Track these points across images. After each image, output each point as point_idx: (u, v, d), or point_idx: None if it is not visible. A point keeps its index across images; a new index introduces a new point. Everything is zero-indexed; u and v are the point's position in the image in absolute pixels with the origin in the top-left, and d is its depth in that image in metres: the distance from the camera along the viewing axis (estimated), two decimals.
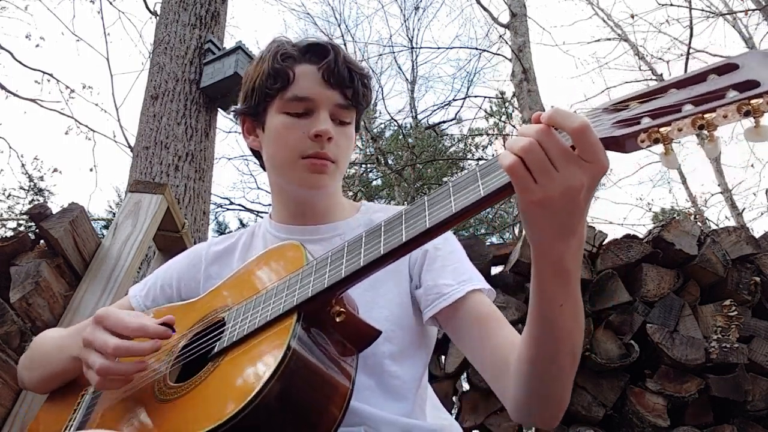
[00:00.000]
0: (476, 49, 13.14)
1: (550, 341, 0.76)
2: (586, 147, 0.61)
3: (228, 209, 13.37)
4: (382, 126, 14.89)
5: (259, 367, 0.72)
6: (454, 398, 2.25)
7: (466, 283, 0.98)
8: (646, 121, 0.59)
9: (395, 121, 13.75)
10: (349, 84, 1.04)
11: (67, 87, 9.86)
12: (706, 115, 0.56)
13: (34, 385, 1.07)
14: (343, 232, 1.08)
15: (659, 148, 0.59)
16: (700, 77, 0.60)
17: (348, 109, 1.05)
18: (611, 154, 0.63)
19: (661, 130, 0.58)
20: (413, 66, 14.59)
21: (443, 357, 2.25)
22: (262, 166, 1.15)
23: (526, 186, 0.63)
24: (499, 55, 11.93)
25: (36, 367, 1.06)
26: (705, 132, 0.57)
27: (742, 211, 10.81)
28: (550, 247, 0.68)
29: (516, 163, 0.62)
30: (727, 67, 0.59)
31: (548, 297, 0.72)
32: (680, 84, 0.60)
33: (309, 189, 1.05)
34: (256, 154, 1.15)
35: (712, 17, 10.97)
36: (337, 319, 0.77)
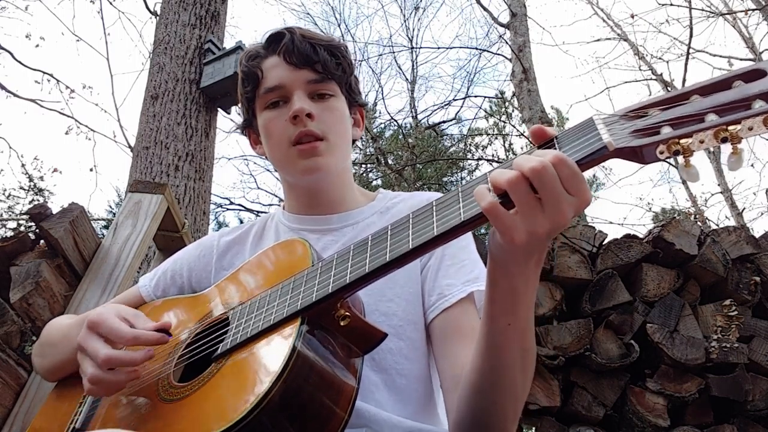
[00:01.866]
0: (476, 49, 13.16)
1: (493, 367, 0.76)
2: (570, 177, 0.59)
3: (228, 209, 13.38)
4: (382, 126, 14.89)
5: (264, 370, 0.72)
6: None
7: (470, 283, 0.96)
8: (667, 131, 0.55)
9: (395, 121, 13.76)
10: (315, 57, 1.03)
11: (67, 87, 9.85)
12: (730, 127, 0.53)
13: (45, 372, 1.07)
14: (356, 222, 1.06)
15: (679, 160, 0.56)
16: (725, 83, 0.56)
17: (323, 82, 1.04)
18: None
19: (682, 141, 0.54)
20: (413, 66, 14.60)
21: None
22: None
23: (507, 226, 0.61)
24: (499, 55, 11.95)
25: (45, 355, 1.06)
26: (729, 144, 0.53)
27: (742, 210, 10.79)
28: (511, 268, 0.68)
29: (493, 205, 0.61)
30: (754, 74, 0.55)
31: (499, 312, 0.72)
32: (704, 90, 0.57)
33: (309, 175, 1.03)
34: None
35: (712, 17, 10.97)
36: (342, 323, 0.76)
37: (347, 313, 0.76)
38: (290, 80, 1.02)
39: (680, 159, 0.56)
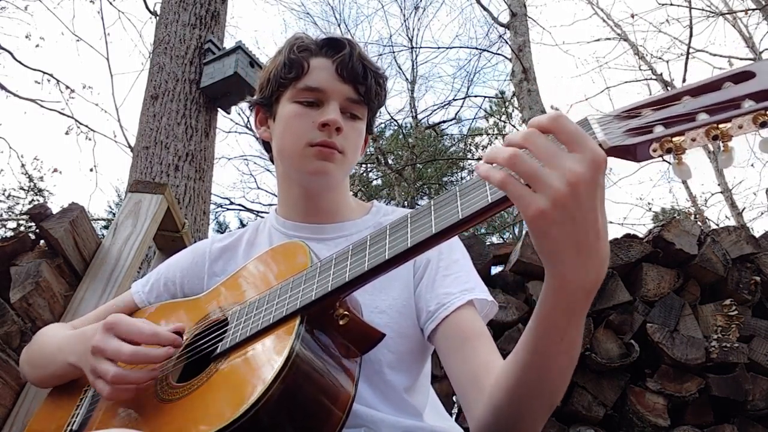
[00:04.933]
0: (476, 48, 13.13)
1: (535, 376, 0.73)
2: (567, 135, 0.58)
3: (228, 209, 13.40)
4: (382, 126, 14.88)
5: (263, 370, 0.72)
6: (454, 398, 2.25)
7: (467, 292, 0.95)
8: (659, 130, 0.57)
9: (395, 120, 13.76)
10: (363, 80, 1.04)
11: (67, 87, 9.77)
12: (720, 125, 0.54)
13: (34, 381, 1.08)
14: (350, 234, 1.07)
15: (671, 158, 0.57)
16: (714, 85, 0.58)
17: (359, 104, 1.06)
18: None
19: (674, 139, 0.56)
20: (413, 66, 14.60)
21: None
22: (271, 159, 1.15)
23: (523, 196, 0.58)
24: (499, 54, 11.93)
25: (36, 365, 1.06)
26: (719, 142, 0.55)
27: (742, 210, 10.81)
28: (567, 268, 0.62)
29: (505, 177, 0.58)
30: (742, 75, 0.57)
31: (550, 327, 0.68)
32: (694, 91, 0.59)
33: (315, 175, 1.03)
34: (267, 146, 1.15)
35: (712, 17, 10.97)
36: (341, 322, 0.76)
37: (346, 313, 0.76)
38: (332, 89, 1.03)
39: (672, 157, 0.57)
